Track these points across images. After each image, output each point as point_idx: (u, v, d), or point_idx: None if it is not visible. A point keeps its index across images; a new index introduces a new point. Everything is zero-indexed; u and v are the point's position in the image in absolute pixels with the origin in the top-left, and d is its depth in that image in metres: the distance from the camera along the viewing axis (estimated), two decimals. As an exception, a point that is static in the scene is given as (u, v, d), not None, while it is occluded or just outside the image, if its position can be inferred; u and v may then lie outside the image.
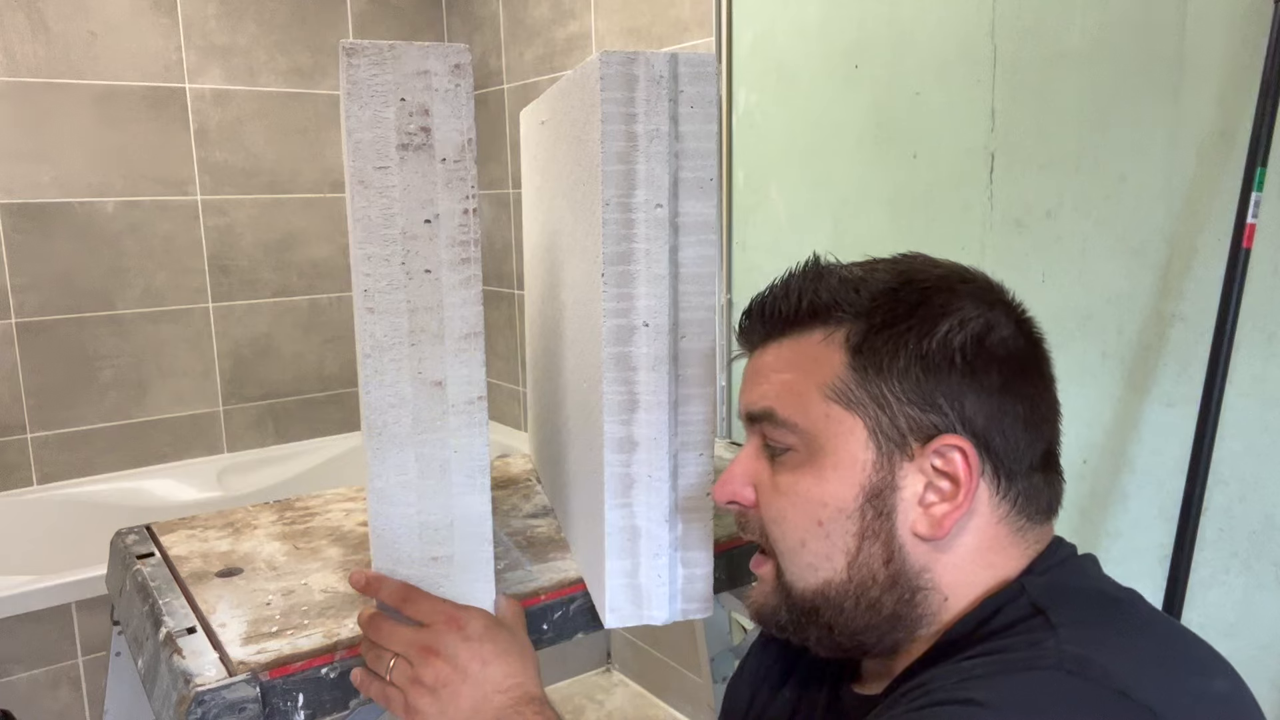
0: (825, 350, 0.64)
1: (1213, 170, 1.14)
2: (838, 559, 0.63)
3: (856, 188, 1.58)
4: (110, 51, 2.31)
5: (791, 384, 0.65)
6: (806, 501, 0.64)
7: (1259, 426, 1.14)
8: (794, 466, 0.65)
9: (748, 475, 0.68)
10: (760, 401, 0.67)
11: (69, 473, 2.38)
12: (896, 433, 0.62)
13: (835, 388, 0.63)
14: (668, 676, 2.24)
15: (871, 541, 0.63)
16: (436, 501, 0.79)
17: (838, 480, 0.63)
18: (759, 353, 0.69)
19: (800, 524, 0.64)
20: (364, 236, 0.73)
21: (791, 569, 0.65)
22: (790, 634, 0.67)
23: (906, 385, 0.62)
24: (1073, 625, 0.56)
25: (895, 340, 0.62)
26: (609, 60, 0.75)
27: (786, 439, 0.65)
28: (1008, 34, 1.33)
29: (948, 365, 0.61)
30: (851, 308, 0.64)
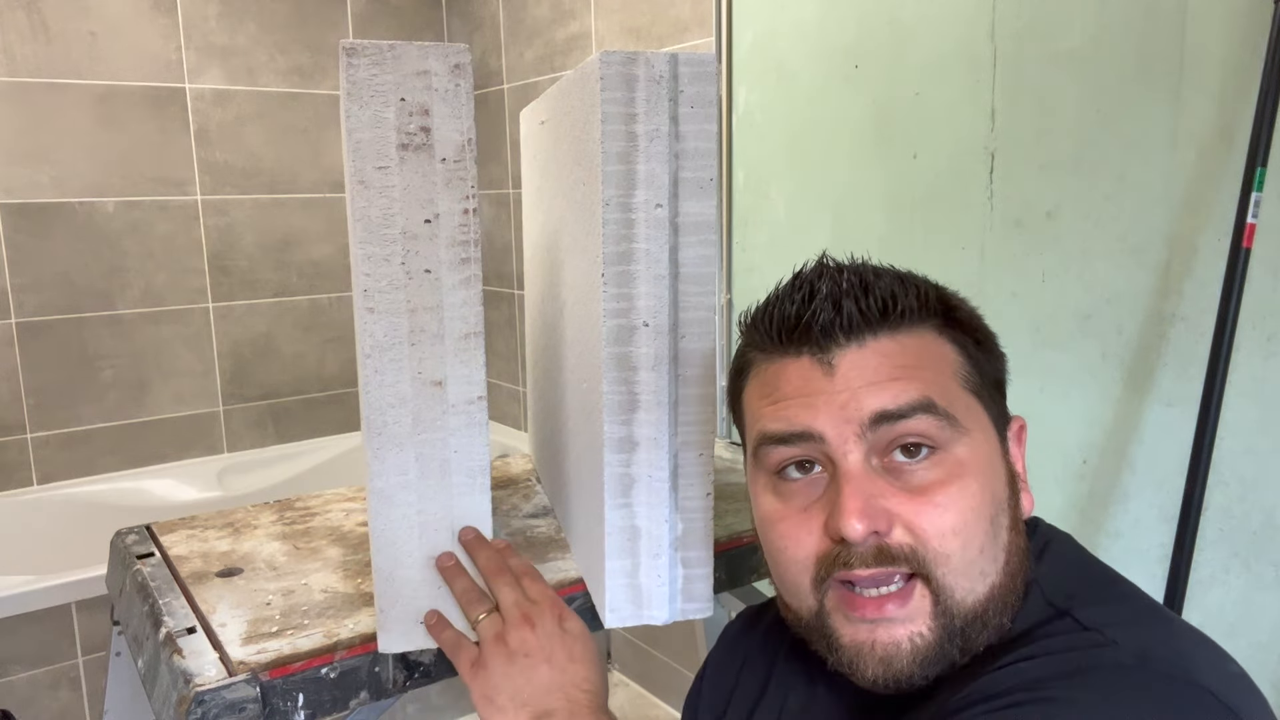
0: (939, 344, 0.62)
1: (1213, 170, 1.14)
2: (1000, 558, 0.59)
3: (856, 188, 1.58)
4: (110, 51, 2.31)
5: (932, 375, 0.60)
6: (981, 504, 0.58)
7: (1259, 426, 1.14)
8: (951, 469, 0.58)
9: (878, 495, 0.58)
10: (911, 393, 0.58)
11: (69, 473, 2.38)
12: (999, 415, 0.63)
13: (964, 376, 0.62)
14: (668, 676, 2.24)
15: (1014, 532, 0.61)
16: (436, 501, 0.79)
17: (993, 473, 0.60)
18: (860, 348, 0.60)
19: (980, 529, 0.58)
20: (364, 236, 0.73)
21: (962, 583, 0.57)
22: (927, 672, 0.58)
23: (990, 371, 0.64)
24: (1109, 620, 0.56)
25: (970, 328, 0.64)
26: (609, 60, 0.75)
27: (938, 436, 0.58)
28: (1008, 34, 1.33)
29: (993, 347, 0.65)
30: (934, 304, 0.63)
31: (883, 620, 0.57)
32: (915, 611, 0.57)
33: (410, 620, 0.81)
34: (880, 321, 0.60)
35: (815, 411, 0.59)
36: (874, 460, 0.59)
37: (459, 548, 0.81)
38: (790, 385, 0.61)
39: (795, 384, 0.61)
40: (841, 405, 0.59)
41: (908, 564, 0.57)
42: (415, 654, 0.84)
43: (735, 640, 0.79)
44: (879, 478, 0.58)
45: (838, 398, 0.59)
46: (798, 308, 0.61)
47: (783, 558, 0.62)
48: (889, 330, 0.60)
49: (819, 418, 0.59)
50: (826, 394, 0.59)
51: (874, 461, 0.59)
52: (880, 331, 0.60)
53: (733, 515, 1.12)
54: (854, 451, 0.58)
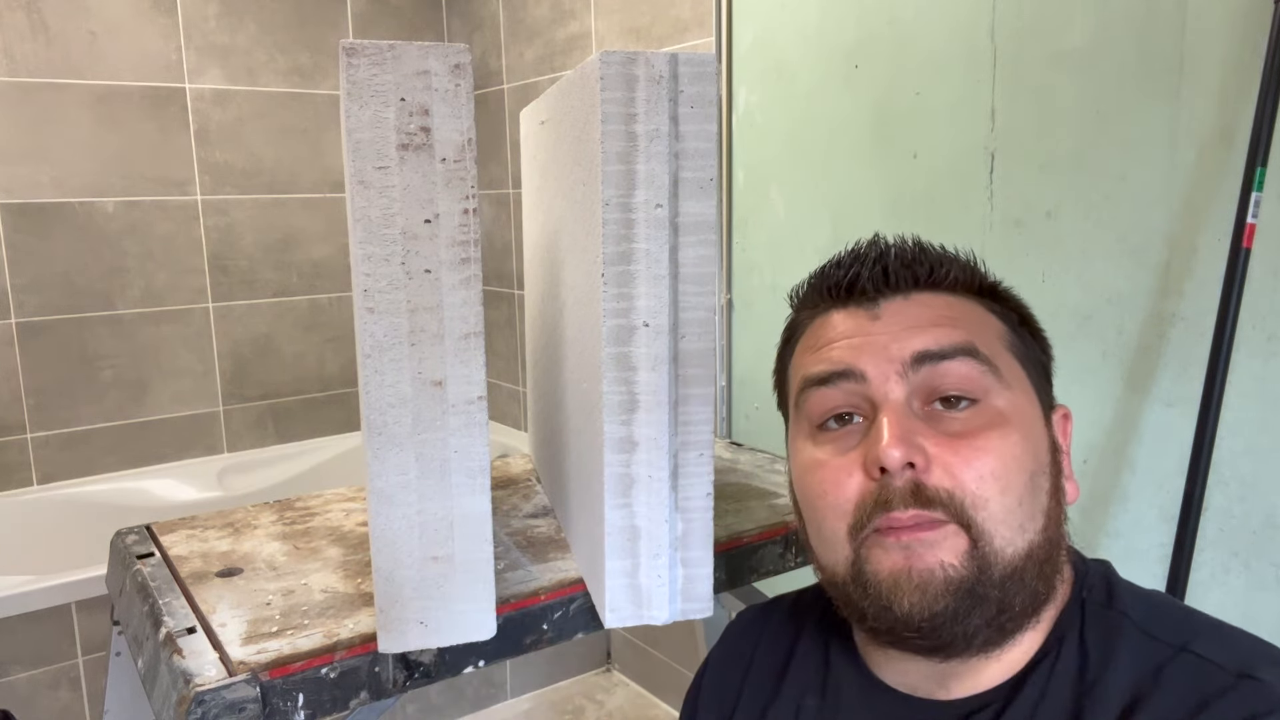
0: (983, 312, 0.63)
1: (1213, 170, 1.14)
2: (1039, 519, 0.58)
3: (856, 188, 1.58)
4: (110, 51, 2.31)
5: (975, 328, 0.61)
6: (1021, 455, 0.57)
7: (1259, 426, 1.14)
8: (991, 418, 0.58)
9: (915, 432, 0.58)
10: (954, 337, 0.59)
11: (69, 473, 2.38)
12: (1043, 395, 0.63)
13: (1010, 341, 0.63)
14: (668, 676, 2.24)
15: (1055, 501, 0.60)
16: (436, 501, 0.79)
17: (1035, 433, 0.60)
18: (905, 299, 0.62)
19: (1020, 480, 0.57)
20: (364, 236, 0.73)
21: (1004, 533, 0.56)
22: (963, 619, 0.56)
23: (1034, 352, 0.65)
24: (1241, 657, 0.56)
25: (1020, 311, 0.66)
26: (609, 60, 0.75)
27: (979, 383, 0.59)
28: (1008, 34, 1.33)
29: (1041, 337, 0.66)
30: (981, 282, 0.65)
31: (916, 544, 0.56)
32: (950, 544, 0.56)
33: (410, 620, 0.81)
34: (926, 280, 0.63)
35: (858, 352, 0.61)
36: (916, 403, 0.59)
37: (459, 546, 0.80)
38: (835, 331, 0.63)
39: (841, 328, 0.63)
40: (884, 346, 0.60)
41: (944, 509, 0.56)
42: (415, 654, 0.84)
43: (738, 639, 0.78)
44: (919, 419, 0.58)
45: (880, 339, 0.60)
46: (846, 269, 0.64)
47: (821, 503, 0.61)
48: (933, 289, 0.63)
49: (861, 357, 0.60)
50: (870, 335, 0.61)
51: (915, 405, 0.59)
52: (925, 289, 0.63)
53: (733, 515, 1.12)
54: (895, 390, 0.59)
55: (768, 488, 1.23)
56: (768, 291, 1.78)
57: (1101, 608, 0.60)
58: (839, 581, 0.61)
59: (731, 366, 1.87)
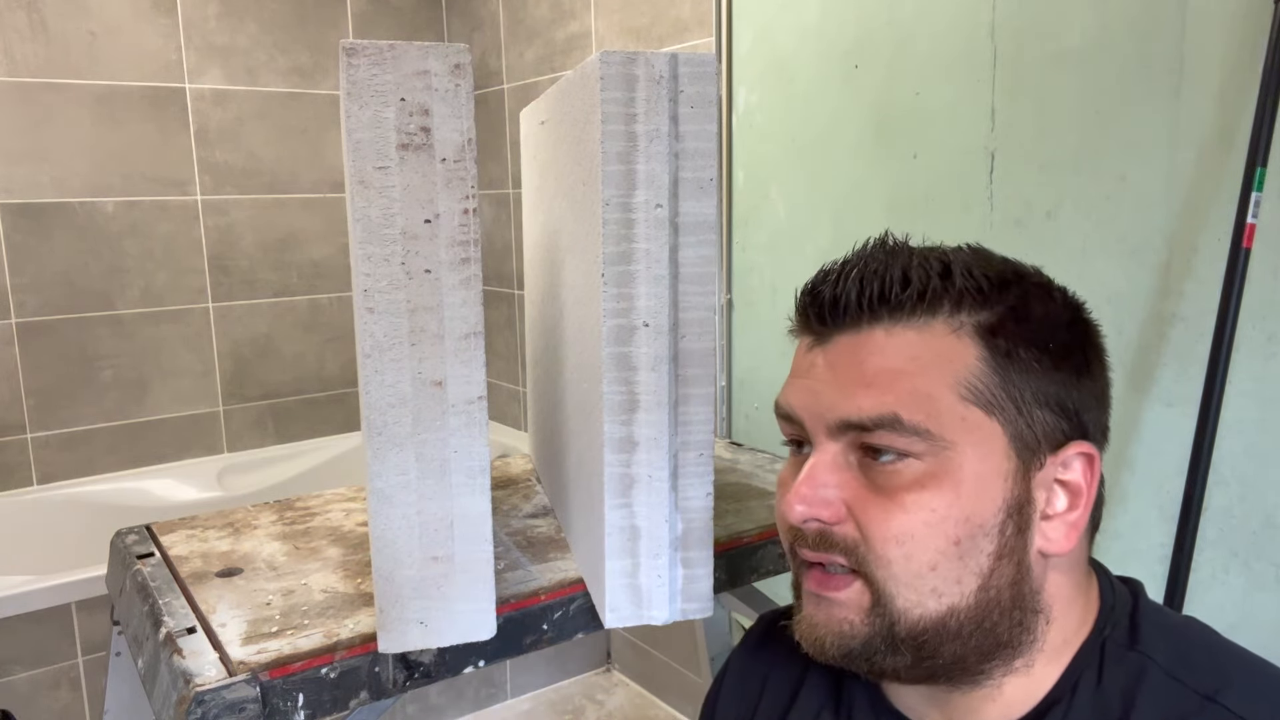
0: (955, 343, 0.56)
1: (1213, 170, 1.14)
2: (968, 582, 0.55)
3: (856, 188, 1.58)
4: (110, 51, 2.31)
5: (917, 382, 0.55)
6: (943, 519, 0.54)
7: (1259, 426, 1.14)
8: (917, 478, 0.55)
9: (833, 486, 0.57)
10: (877, 407, 0.55)
11: (69, 473, 2.38)
12: (1033, 438, 0.56)
13: (972, 386, 0.55)
14: (668, 676, 2.24)
15: (1006, 562, 0.56)
16: (436, 501, 0.79)
17: (978, 494, 0.55)
18: (855, 335, 0.57)
19: (933, 544, 0.55)
20: (364, 236, 0.73)
21: (908, 595, 0.55)
22: (867, 664, 0.57)
23: (1039, 384, 0.56)
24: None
25: (1029, 333, 0.57)
26: (609, 60, 0.75)
27: (911, 447, 0.55)
28: (1008, 34, 1.33)
29: (1069, 362, 0.57)
30: (980, 295, 0.57)
31: (823, 599, 0.58)
32: (850, 601, 0.57)
33: (410, 620, 0.81)
34: (900, 309, 0.56)
35: (799, 398, 0.60)
36: (852, 456, 0.58)
37: (459, 546, 0.80)
38: (799, 363, 0.62)
39: (798, 363, 0.62)
40: (817, 399, 0.58)
41: (846, 557, 0.56)
42: (415, 654, 0.84)
43: (758, 646, 0.77)
44: (847, 470, 0.57)
45: (817, 388, 0.59)
46: (814, 286, 0.61)
47: (778, 522, 0.63)
48: (909, 320, 0.56)
49: (800, 405, 0.60)
50: (811, 380, 0.59)
51: (851, 457, 0.58)
52: (881, 319, 0.57)
53: (733, 515, 1.12)
54: (825, 442, 0.58)
55: (768, 488, 1.23)
56: (768, 291, 1.78)
57: (1123, 648, 0.57)
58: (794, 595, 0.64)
59: (731, 366, 1.87)
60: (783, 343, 0.69)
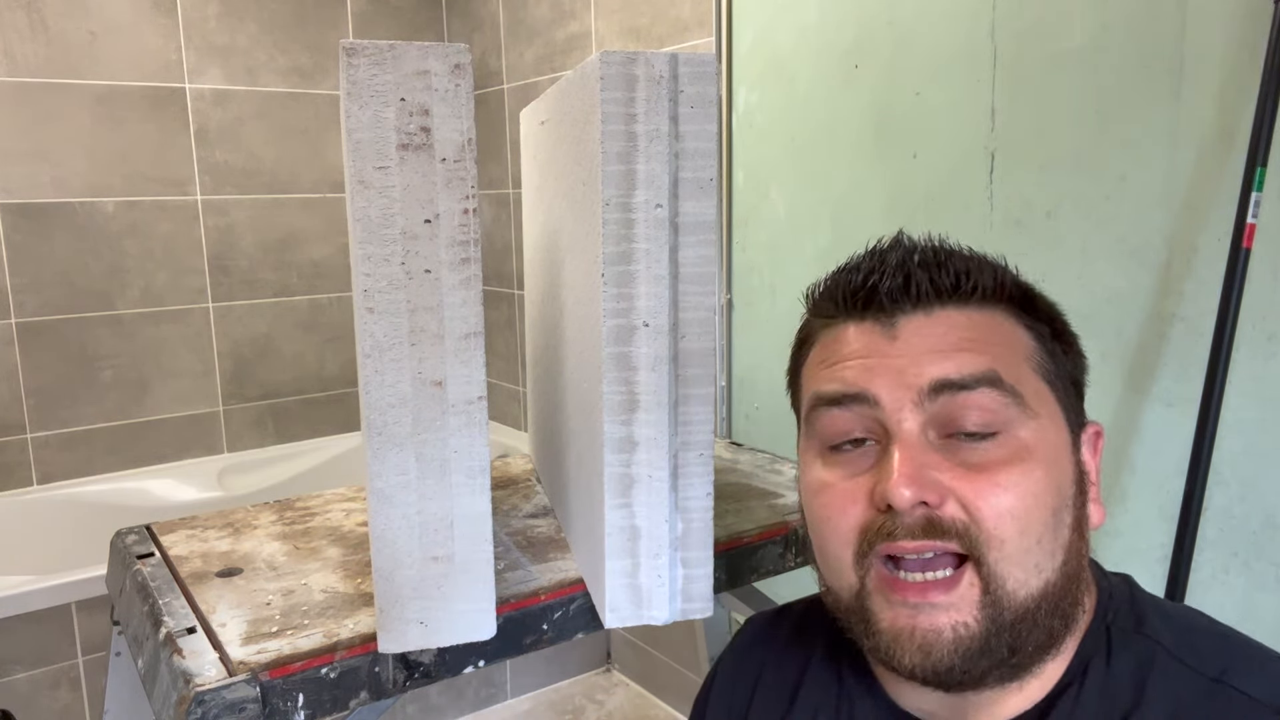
0: (1014, 328, 0.58)
1: (1213, 170, 1.14)
2: (1058, 555, 0.55)
3: (856, 188, 1.58)
4: (110, 51, 2.31)
5: (1002, 351, 0.56)
6: (1044, 491, 0.54)
7: (1259, 426, 1.14)
8: (1015, 452, 0.54)
9: (931, 467, 0.54)
10: (977, 364, 0.55)
11: (69, 473, 2.38)
12: (1073, 417, 0.59)
13: (1038, 362, 0.57)
14: (668, 676, 2.24)
15: (1077, 534, 0.57)
16: (436, 501, 0.79)
17: (1061, 465, 0.56)
18: (926, 315, 0.57)
19: (1039, 517, 0.54)
20: (364, 236, 0.73)
21: (1017, 574, 0.53)
22: (973, 672, 0.54)
23: (1065, 368, 0.59)
24: None
25: (1049, 321, 0.60)
26: (609, 60, 0.75)
27: (1002, 415, 0.54)
28: (1008, 34, 1.33)
29: (1074, 348, 0.61)
30: (1010, 287, 0.59)
31: (925, 605, 0.54)
32: (962, 600, 0.53)
33: (410, 620, 0.81)
34: (950, 294, 0.57)
35: (872, 374, 0.56)
36: (931, 434, 0.55)
37: (459, 546, 0.80)
38: (849, 347, 0.58)
39: (854, 346, 0.58)
40: (900, 370, 0.56)
41: (959, 541, 0.53)
42: (415, 654, 0.84)
43: (749, 648, 0.76)
44: (935, 451, 0.55)
45: (897, 362, 0.56)
46: (865, 275, 0.59)
47: (825, 528, 0.58)
48: (958, 303, 0.57)
49: (875, 380, 0.56)
50: (886, 357, 0.56)
51: (931, 435, 0.55)
52: (949, 303, 0.57)
53: (733, 515, 1.12)
54: (910, 419, 0.55)
55: (768, 488, 1.23)
56: (768, 291, 1.78)
57: (1130, 632, 0.57)
58: (844, 608, 0.59)
59: (731, 366, 1.87)
60: (783, 343, 0.68)
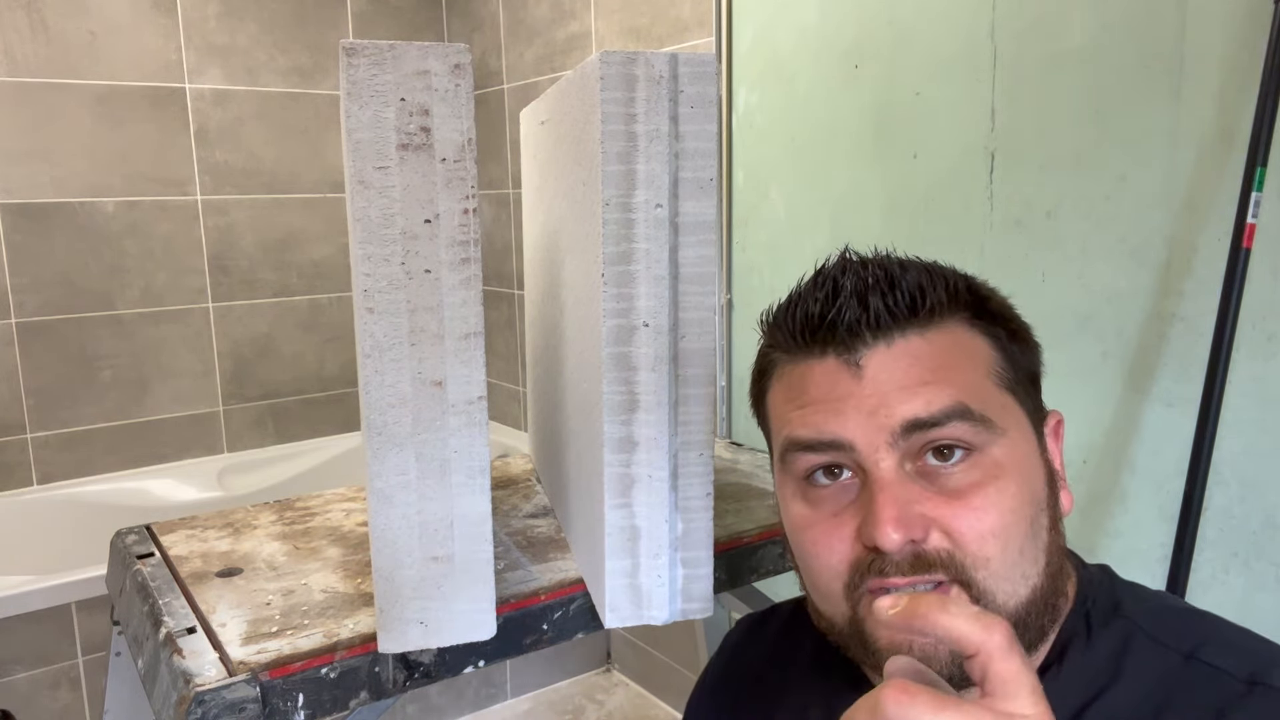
0: (972, 339, 0.59)
1: (1213, 170, 1.14)
2: (1040, 559, 0.57)
3: (856, 188, 1.58)
4: (110, 51, 2.31)
5: (965, 375, 0.57)
6: (1021, 504, 0.55)
7: (1259, 426, 1.14)
8: (989, 471, 0.55)
9: (913, 502, 0.55)
10: (945, 400, 0.55)
11: (69, 473, 2.38)
12: (1034, 412, 0.60)
13: (997, 373, 0.59)
14: (668, 676, 2.24)
15: (1054, 532, 0.58)
16: (436, 501, 0.79)
17: (1032, 473, 0.57)
18: (888, 347, 0.57)
19: (1019, 530, 0.55)
20: (364, 236, 0.73)
21: (1005, 587, 0.55)
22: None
23: (1022, 363, 0.61)
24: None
25: (1002, 320, 0.61)
26: (609, 60, 0.75)
27: (973, 439, 0.56)
28: (1008, 34, 1.33)
29: (1028, 340, 0.63)
30: (964, 295, 0.60)
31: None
32: None
33: (410, 620, 0.81)
34: (909, 318, 0.57)
35: (844, 418, 0.57)
36: (907, 465, 0.56)
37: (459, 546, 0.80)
38: (817, 389, 0.58)
39: (822, 387, 0.58)
40: (871, 411, 0.56)
41: (945, 570, 0.54)
42: (415, 654, 0.84)
43: (738, 649, 0.76)
44: (912, 483, 0.55)
45: (866, 403, 0.56)
46: (821, 305, 0.58)
47: (815, 564, 0.59)
48: (918, 327, 0.57)
49: (848, 425, 0.56)
50: (855, 398, 0.57)
51: (907, 466, 0.56)
52: (909, 329, 0.57)
53: (733, 515, 1.12)
54: (886, 459, 0.55)
55: (768, 488, 1.23)
56: (768, 291, 1.78)
57: (1108, 615, 0.59)
58: (838, 632, 0.60)
59: (731, 366, 1.87)
60: (783, 343, 0.68)
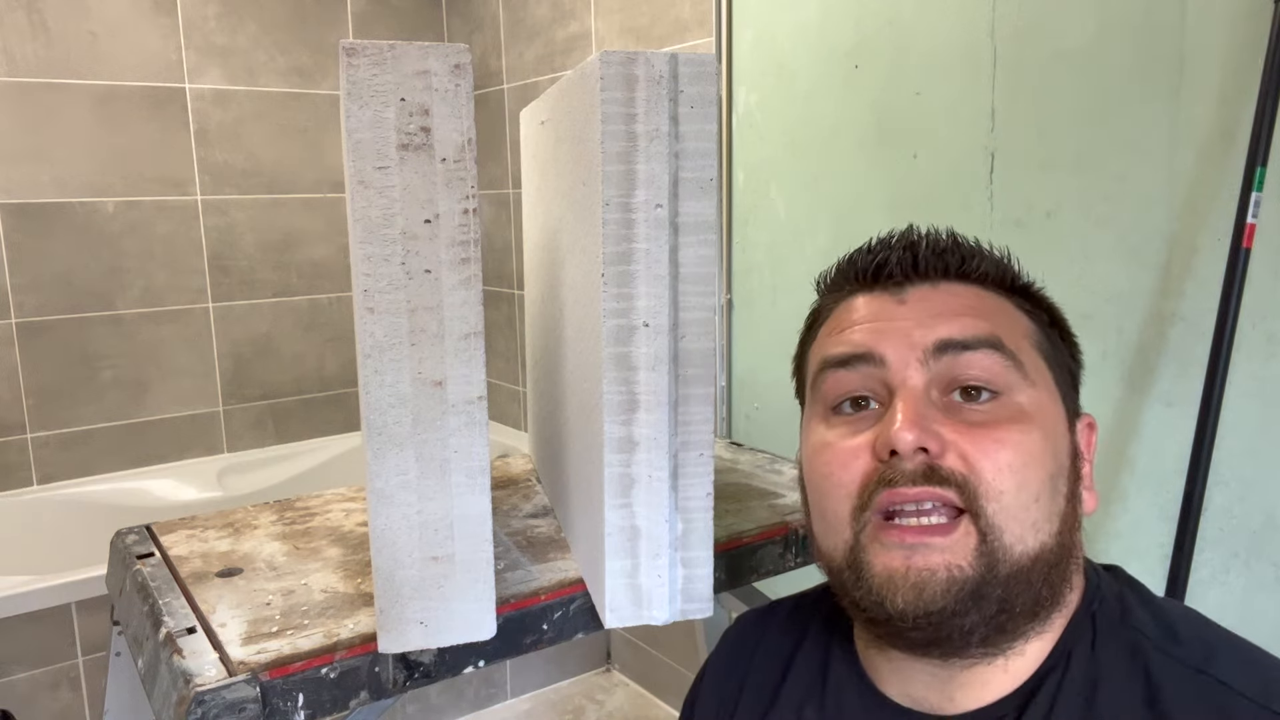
0: (1013, 309, 0.62)
1: (1213, 170, 1.14)
2: (1055, 521, 0.57)
3: (856, 188, 1.58)
4: (110, 51, 2.31)
5: (1005, 322, 0.60)
6: (1042, 452, 0.56)
7: (1259, 426, 1.14)
8: (1015, 413, 0.56)
9: (931, 419, 0.56)
10: (979, 328, 0.58)
11: (69, 473, 2.38)
12: (1068, 400, 0.61)
13: (1036, 340, 0.61)
14: (668, 676, 2.24)
15: (1072, 507, 0.58)
16: (436, 501, 0.79)
17: (1058, 434, 0.58)
18: (933, 287, 0.61)
19: (1037, 476, 0.55)
20: (364, 236, 0.73)
21: (1014, 529, 0.55)
22: (961, 616, 0.55)
23: (1062, 358, 0.63)
24: None
25: (1048, 314, 0.64)
26: (609, 60, 0.75)
27: (1002, 377, 0.57)
28: (1008, 34, 1.33)
29: (1069, 342, 0.64)
30: (1011, 278, 0.63)
31: (921, 545, 0.55)
32: (957, 544, 0.54)
33: (410, 620, 0.81)
34: (956, 271, 0.61)
35: (879, 336, 0.59)
36: (934, 393, 0.57)
37: (459, 546, 0.80)
38: (858, 313, 0.62)
39: (864, 312, 0.62)
40: (906, 332, 0.59)
41: (958, 491, 0.54)
42: (415, 654, 0.84)
43: (736, 645, 0.76)
44: (937, 408, 0.57)
45: (903, 324, 0.59)
46: (873, 254, 0.63)
47: (826, 484, 0.60)
48: (963, 280, 0.61)
49: (882, 341, 0.59)
50: (894, 320, 0.60)
51: (934, 394, 0.57)
52: (954, 279, 0.61)
53: (733, 515, 1.12)
54: (915, 376, 0.57)
55: (768, 488, 1.23)
56: (768, 291, 1.78)
57: (1115, 622, 0.58)
58: (835, 568, 0.60)
59: (731, 366, 1.87)
60: (783, 343, 0.68)
